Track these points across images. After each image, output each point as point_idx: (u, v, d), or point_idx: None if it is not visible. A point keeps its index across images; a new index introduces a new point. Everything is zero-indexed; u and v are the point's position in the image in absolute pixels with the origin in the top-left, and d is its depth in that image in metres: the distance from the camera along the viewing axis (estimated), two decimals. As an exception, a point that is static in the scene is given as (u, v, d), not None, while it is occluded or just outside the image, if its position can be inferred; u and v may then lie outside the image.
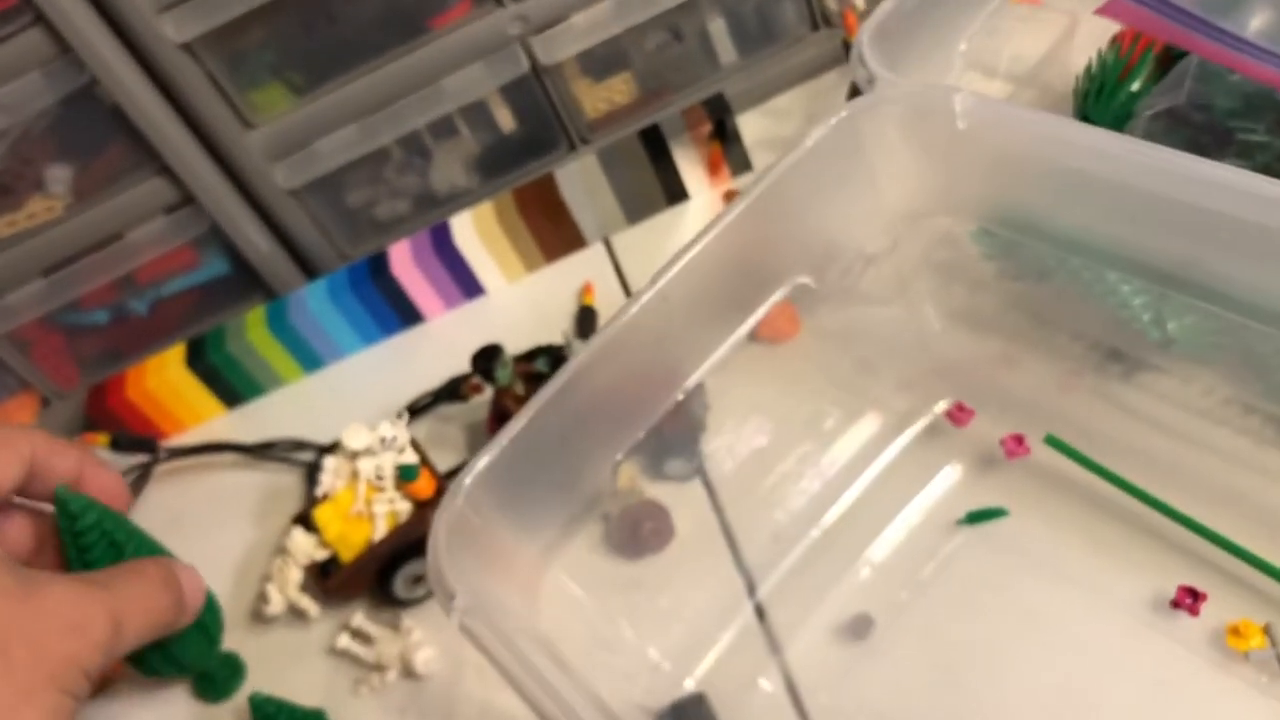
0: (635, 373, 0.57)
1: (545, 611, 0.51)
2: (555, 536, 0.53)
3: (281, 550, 0.65)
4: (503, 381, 0.64)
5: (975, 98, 0.51)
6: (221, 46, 0.73)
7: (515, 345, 0.69)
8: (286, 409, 0.82)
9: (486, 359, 0.64)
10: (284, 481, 0.77)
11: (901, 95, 0.53)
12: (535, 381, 0.66)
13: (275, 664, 0.66)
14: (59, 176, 0.76)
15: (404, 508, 0.64)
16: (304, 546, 0.64)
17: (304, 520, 0.65)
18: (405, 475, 0.63)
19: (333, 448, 0.69)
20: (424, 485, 0.64)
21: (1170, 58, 0.64)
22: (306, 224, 0.82)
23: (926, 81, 0.55)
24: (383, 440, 0.64)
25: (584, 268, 0.81)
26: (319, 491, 0.65)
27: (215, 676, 0.66)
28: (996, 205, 0.55)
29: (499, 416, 0.67)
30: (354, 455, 0.64)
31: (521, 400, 0.64)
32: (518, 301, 0.82)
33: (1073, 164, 0.48)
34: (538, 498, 0.51)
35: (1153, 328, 0.56)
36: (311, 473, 0.75)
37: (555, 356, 0.66)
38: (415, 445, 0.66)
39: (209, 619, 0.63)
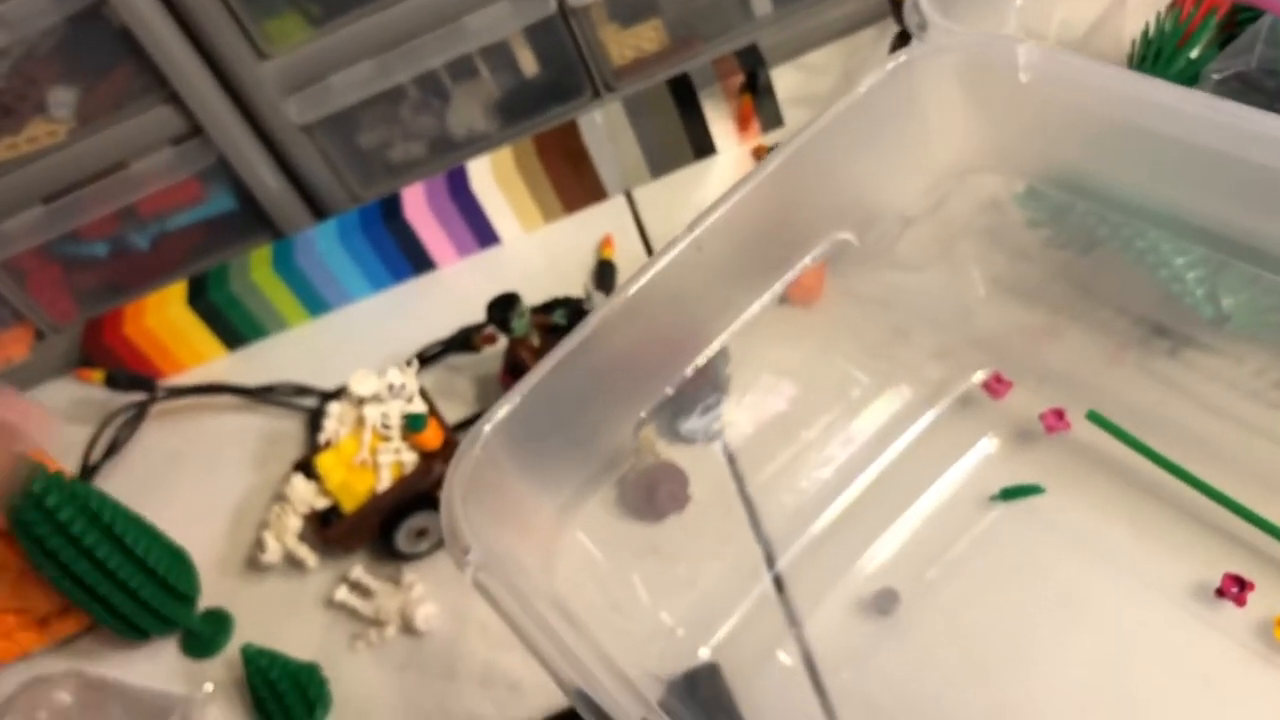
0: (661, 329, 0.55)
1: (559, 571, 0.49)
2: (572, 495, 0.51)
3: (280, 497, 0.63)
4: (519, 332, 0.61)
5: (1040, 49, 0.48)
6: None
7: (531, 297, 0.66)
8: (289, 352, 0.79)
9: (503, 308, 0.61)
10: (284, 427, 0.74)
11: (961, 44, 0.50)
12: (552, 334, 0.64)
13: (269, 615, 0.64)
14: (63, 99, 0.73)
15: (410, 458, 0.61)
16: (304, 494, 0.61)
17: (305, 467, 0.63)
18: (413, 425, 0.60)
19: (338, 394, 0.67)
20: (432, 436, 0.61)
21: (1235, 23, 0.60)
22: (318, 162, 0.79)
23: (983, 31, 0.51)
24: (390, 388, 0.61)
25: (604, 220, 0.78)
26: (322, 438, 0.63)
27: (200, 633, 0.64)
28: (1053, 163, 0.52)
29: (513, 369, 0.64)
30: (360, 402, 0.61)
31: (537, 353, 0.62)
32: (534, 252, 0.79)
33: (1142, 122, 0.45)
34: (556, 453, 0.49)
35: (1206, 303, 0.54)
36: (314, 419, 0.72)
37: (574, 309, 0.64)
38: (424, 394, 0.63)
39: (177, 578, 0.61)
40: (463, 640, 0.59)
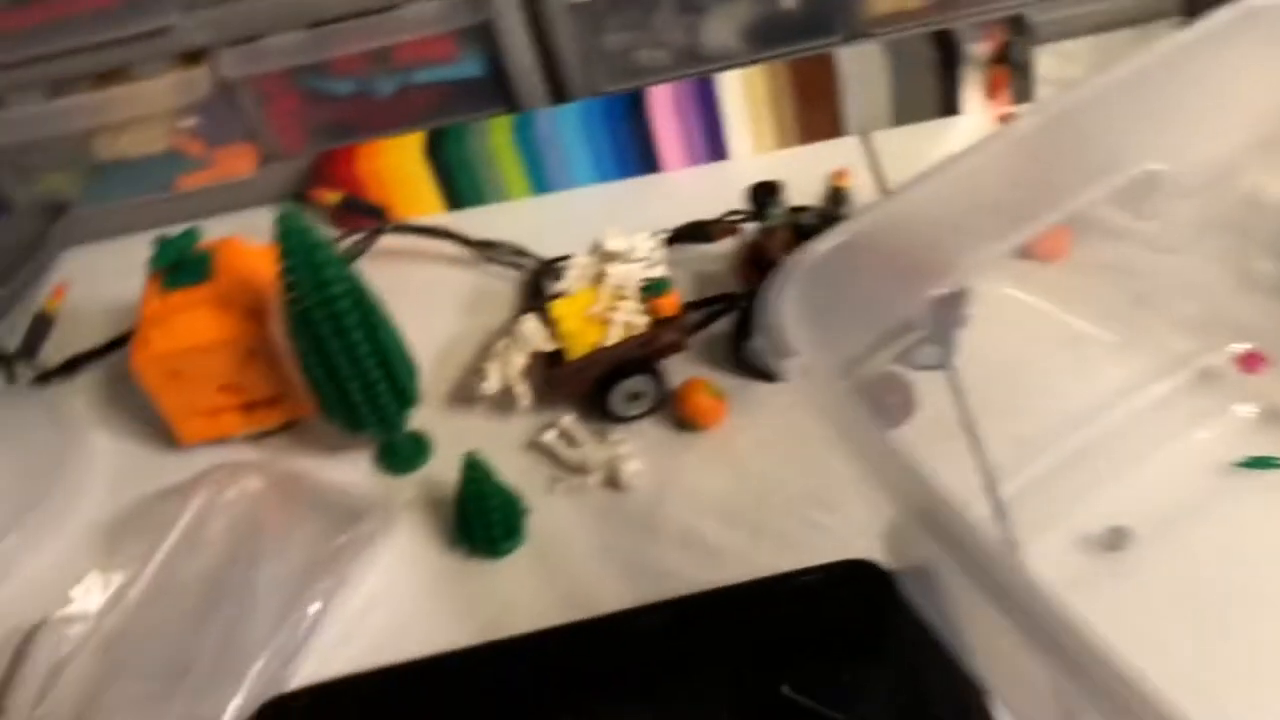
0: (923, 241, 0.55)
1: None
2: (849, 356, 0.51)
3: (509, 333, 0.64)
4: (774, 220, 0.62)
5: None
6: None
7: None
8: (506, 222, 0.80)
9: (767, 191, 0.62)
10: (496, 286, 0.76)
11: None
12: (800, 233, 0.64)
13: (469, 448, 0.64)
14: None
15: (640, 321, 0.62)
16: (535, 333, 0.62)
17: (539, 311, 0.64)
18: (656, 288, 0.61)
19: (557, 260, 0.68)
20: (669, 302, 0.62)
21: None
22: (573, 45, 0.81)
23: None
24: (636, 250, 0.62)
25: (835, 156, 0.79)
26: (560, 287, 0.64)
27: (403, 448, 0.65)
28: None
29: (755, 260, 0.65)
30: (608, 257, 0.62)
31: (786, 246, 0.62)
32: (761, 173, 0.79)
33: None
34: (843, 314, 0.49)
35: None
36: (532, 283, 0.73)
37: (824, 214, 0.64)
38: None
39: (407, 382, 0.62)
40: (664, 502, 0.60)
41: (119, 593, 0.62)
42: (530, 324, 0.63)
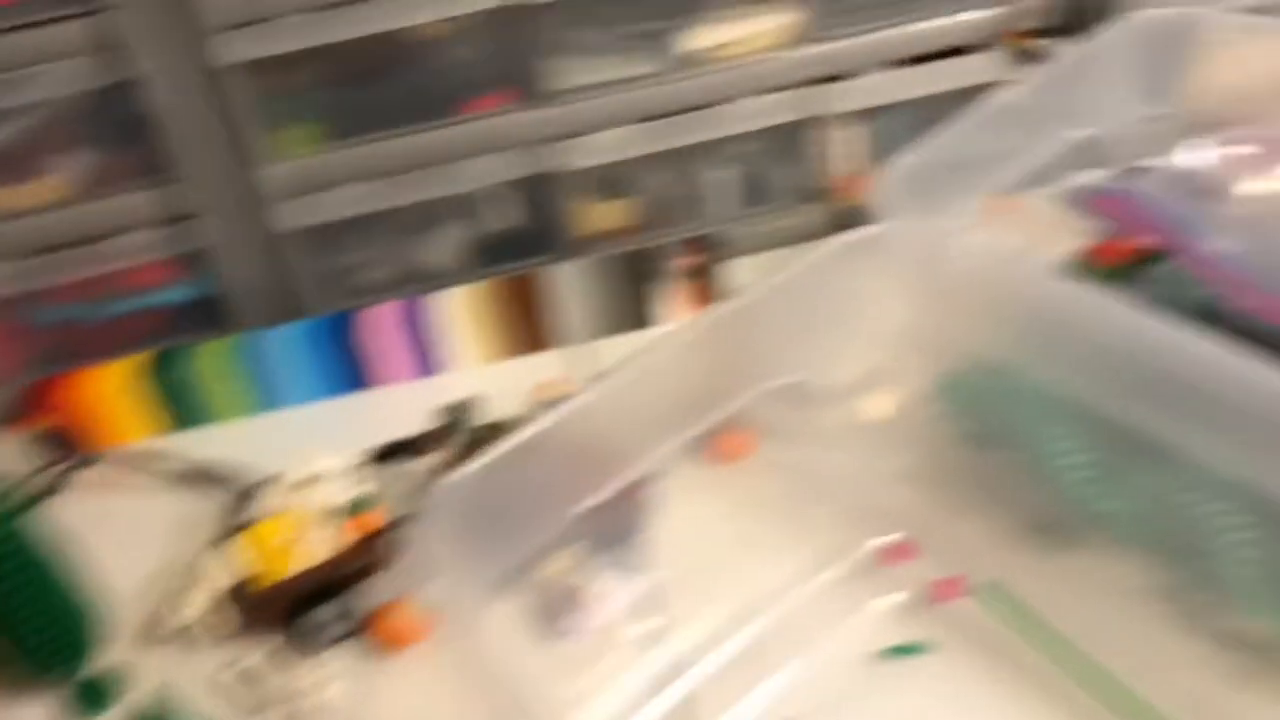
0: (595, 450, 0.59)
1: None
2: (500, 579, 0.53)
3: (204, 562, 0.64)
4: (465, 435, 0.65)
5: (971, 239, 0.55)
6: (272, 77, 0.75)
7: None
8: (229, 442, 0.80)
9: (458, 410, 0.65)
10: (204, 511, 0.76)
11: (899, 231, 0.57)
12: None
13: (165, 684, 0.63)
14: (74, 163, 0.77)
15: (330, 545, 0.63)
16: (215, 569, 0.63)
17: (234, 537, 0.64)
18: (359, 506, 0.63)
19: (264, 482, 0.69)
20: (372, 519, 0.63)
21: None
22: (289, 269, 0.84)
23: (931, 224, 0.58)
24: (331, 473, 0.64)
25: (547, 367, 0.83)
26: (257, 512, 0.65)
27: (86, 691, 0.63)
28: (975, 351, 0.58)
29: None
30: (306, 480, 0.64)
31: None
32: (475, 387, 0.82)
33: (1056, 316, 0.52)
34: (497, 529, 0.52)
35: (1090, 505, 0.59)
36: (240, 500, 0.74)
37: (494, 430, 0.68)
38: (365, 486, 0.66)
39: (76, 628, 0.61)
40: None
41: None
42: (225, 552, 0.63)
